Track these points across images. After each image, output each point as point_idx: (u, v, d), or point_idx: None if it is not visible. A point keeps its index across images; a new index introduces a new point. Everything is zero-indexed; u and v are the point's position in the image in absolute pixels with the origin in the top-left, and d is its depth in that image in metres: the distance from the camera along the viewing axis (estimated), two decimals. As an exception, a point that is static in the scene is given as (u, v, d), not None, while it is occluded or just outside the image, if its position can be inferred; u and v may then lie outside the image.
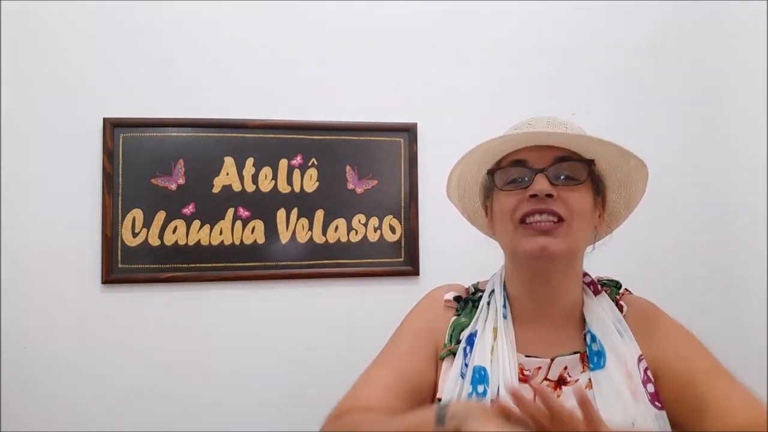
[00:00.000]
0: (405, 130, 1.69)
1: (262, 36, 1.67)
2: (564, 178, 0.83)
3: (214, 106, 1.62)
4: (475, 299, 0.95)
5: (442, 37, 1.74)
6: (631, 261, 1.73)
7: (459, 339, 0.89)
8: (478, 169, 0.92)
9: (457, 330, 0.90)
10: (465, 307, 0.94)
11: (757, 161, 1.82)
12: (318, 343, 1.64)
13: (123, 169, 1.57)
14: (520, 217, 0.82)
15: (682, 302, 1.83)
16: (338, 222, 1.66)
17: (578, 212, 0.83)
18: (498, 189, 0.87)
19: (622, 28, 1.82)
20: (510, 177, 0.86)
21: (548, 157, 0.84)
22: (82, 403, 1.53)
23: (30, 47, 1.56)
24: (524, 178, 0.84)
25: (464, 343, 0.87)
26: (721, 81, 1.86)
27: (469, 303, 0.94)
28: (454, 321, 0.92)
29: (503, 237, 0.88)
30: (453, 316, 0.93)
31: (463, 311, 0.93)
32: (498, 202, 0.87)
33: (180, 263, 1.58)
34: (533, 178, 0.82)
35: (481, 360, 0.83)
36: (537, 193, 0.81)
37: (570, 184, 0.83)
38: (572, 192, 0.83)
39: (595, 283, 0.94)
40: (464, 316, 0.92)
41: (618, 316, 0.88)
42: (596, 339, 0.85)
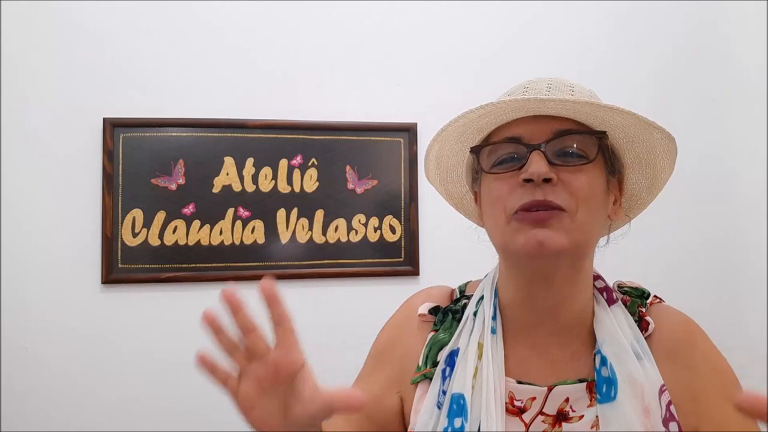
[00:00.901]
0: (405, 130, 1.69)
1: (262, 36, 1.67)
2: (568, 156, 0.65)
3: (214, 106, 1.62)
4: (457, 309, 0.75)
5: (442, 37, 1.74)
6: (631, 259, 1.74)
7: (436, 360, 0.71)
8: (461, 148, 0.74)
9: (434, 349, 0.72)
10: (444, 319, 0.75)
11: (757, 161, 1.82)
12: (318, 343, 1.63)
13: (123, 169, 1.57)
14: (514, 211, 0.64)
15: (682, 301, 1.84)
16: (338, 222, 1.66)
17: (585, 199, 0.64)
18: (485, 172, 0.69)
19: (623, 28, 1.83)
20: (500, 156, 0.67)
21: (547, 130, 0.65)
22: (82, 403, 1.53)
23: (30, 47, 1.56)
24: (517, 157, 0.65)
25: (443, 364, 0.70)
26: (722, 81, 1.86)
27: (449, 314, 0.75)
28: (431, 338, 0.73)
29: (493, 231, 0.69)
30: (430, 332, 0.74)
31: (442, 325, 0.74)
32: (486, 189, 0.69)
33: (180, 263, 1.58)
34: (528, 157, 0.64)
35: (461, 386, 0.66)
36: (532, 177, 0.62)
37: (575, 163, 0.64)
38: (578, 174, 0.64)
39: (610, 290, 0.73)
40: (443, 331, 0.73)
41: (638, 335, 0.68)
42: (607, 362, 0.66)
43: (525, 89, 0.69)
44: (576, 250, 0.66)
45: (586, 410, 0.66)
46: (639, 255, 1.77)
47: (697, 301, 1.82)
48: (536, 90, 0.68)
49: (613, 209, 0.72)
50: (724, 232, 1.84)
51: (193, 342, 1.73)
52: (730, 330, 1.82)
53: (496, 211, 0.67)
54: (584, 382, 0.67)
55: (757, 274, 1.82)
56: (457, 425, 0.64)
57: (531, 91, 0.68)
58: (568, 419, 0.66)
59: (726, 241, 1.84)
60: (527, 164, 0.63)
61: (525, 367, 0.69)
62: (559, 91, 0.68)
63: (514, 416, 0.66)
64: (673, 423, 0.63)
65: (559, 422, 0.66)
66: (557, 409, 0.66)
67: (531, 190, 0.63)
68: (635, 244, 1.76)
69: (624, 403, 0.63)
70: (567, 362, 0.69)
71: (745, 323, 1.82)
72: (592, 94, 0.71)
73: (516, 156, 0.66)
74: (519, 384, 0.67)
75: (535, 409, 0.66)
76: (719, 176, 1.84)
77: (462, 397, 0.66)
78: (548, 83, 0.69)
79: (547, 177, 0.62)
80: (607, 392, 0.64)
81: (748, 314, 1.82)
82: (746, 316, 1.82)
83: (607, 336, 0.68)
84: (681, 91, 1.84)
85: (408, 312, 0.79)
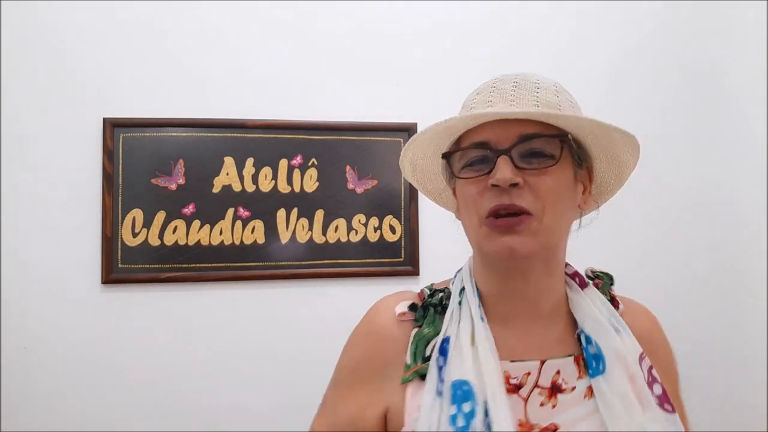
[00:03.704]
0: (405, 130, 1.69)
1: (262, 36, 1.67)
2: (533, 158, 0.67)
3: (214, 106, 1.62)
4: (436, 302, 0.76)
5: (442, 37, 1.74)
6: (631, 259, 1.74)
7: (426, 356, 0.71)
8: (434, 151, 0.78)
9: (420, 345, 0.72)
10: (425, 314, 0.75)
11: (757, 161, 1.82)
12: (318, 343, 1.64)
13: (123, 169, 1.57)
14: (485, 215, 0.67)
15: (683, 300, 1.84)
16: (338, 222, 1.66)
17: (551, 201, 0.67)
18: (456, 177, 0.72)
19: (626, 28, 1.83)
20: (470, 159, 0.70)
21: (513, 134, 0.67)
22: (82, 403, 1.53)
23: (30, 48, 1.56)
24: (485, 160, 0.68)
25: (436, 354, 0.70)
26: (722, 81, 1.86)
27: (429, 309, 0.76)
28: (415, 335, 0.73)
29: (468, 231, 0.73)
30: (413, 329, 0.74)
31: (425, 320, 0.74)
32: (460, 190, 0.73)
33: (180, 263, 1.58)
34: (495, 162, 0.66)
35: (461, 372, 0.67)
36: (498, 183, 0.65)
37: (541, 166, 0.67)
38: (543, 176, 0.67)
39: (580, 275, 0.79)
40: (427, 326, 0.73)
41: (612, 311, 0.75)
42: (591, 341, 0.71)
43: (492, 89, 0.72)
44: (546, 250, 0.70)
45: (577, 382, 0.70)
46: (639, 255, 1.78)
47: (697, 301, 1.82)
48: (502, 91, 0.70)
49: (583, 198, 0.75)
50: (724, 232, 1.84)
51: (192, 342, 1.75)
52: (730, 330, 1.82)
53: (469, 212, 0.70)
54: (572, 356, 0.72)
55: (757, 275, 1.82)
56: (467, 410, 0.65)
57: (497, 92, 0.71)
58: (561, 391, 0.69)
59: (726, 241, 1.84)
60: (494, 170, 0.66)
61: (514, 349, 0.71)
62: (525, 90, 0.70)
63: (512, 393, 0.68)
64: (657, 385, 0.69)
65: (554, 394, 0.69)
66: (551, 382, 0.70)
67: (498, 194, 0.66)
68: (635, 244, 1.77)
69: (614, 374, 0.69)
70: (552, 343, 0.73)
71: (745, 323, 1.82)
72: (557, 89, 0.72)
73: (484, 159, 0.69)
74: (512, 363, 0.70)
75: (531, 383, 0.69)
76: (719, 177, 1.84)
77: (465, 382, 0.67)
78: (514, 82, 0.71)
79: (513, 182, 0.65)
80: (597, 367, 0.70)
81: (749, 314, 1.82)
82: (746, 316, 1.82)
83: (586, 317, 0.73)
84: (681, 91, 1.84)
85: (378, 319, 0.77)
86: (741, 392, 1.80)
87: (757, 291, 1.82)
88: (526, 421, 0.67)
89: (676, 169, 1.79)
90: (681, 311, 1.79)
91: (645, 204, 1.75)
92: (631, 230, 1.76)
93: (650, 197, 1.75)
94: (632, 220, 1.75)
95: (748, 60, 1.83)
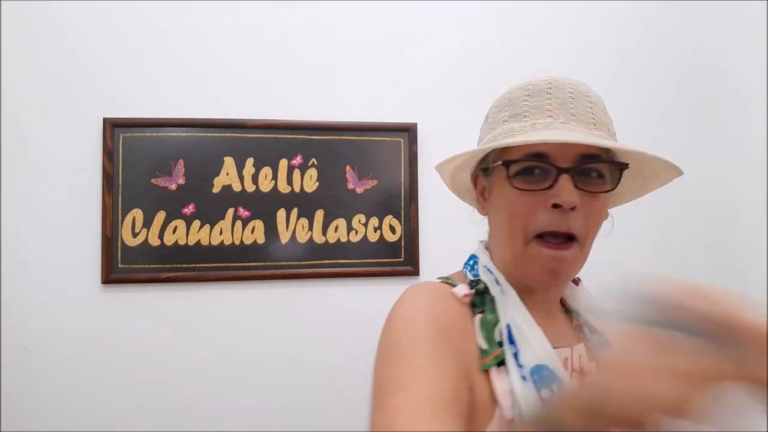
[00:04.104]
0: (405, 130, 1.69)
1: (262, 36, 1.67)
2: (589, 180, 0.68)
3: (214, 106, 1.62)
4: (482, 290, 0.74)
5: (442, 37, 1.74)
6: (631, 259, 1.74)
7: (498, 340, 0.69)
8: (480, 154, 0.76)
9: (489, 330, 0.70)
10: (483, 300, 0.72)
11: (757, 161, 1.82)
12: (318, 343, 1.64)
13: (123, 169, 1.57)
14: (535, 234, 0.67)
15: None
16: (338, 222, 1.66)
17: (595, 225, 0.70)
18: (509, 182, 0.69)
19: (626, 28, 1.83)
20: (523, 167, 0.69)
21: (573, 153, 0.67)
22: (82, 403, 1.53)
23: (30, 48, 1.56)
24: (543, 174, 0.67)
25: (507, 341, 0.68)
26: (722, 81, 1.86)
27: (484, 295, 0.73)
28: (481, 320, 0.70)
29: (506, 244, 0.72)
30: (476, 315, 0.71)
31: (483, 306, 0.72)
32: (505, 198, 0.71)
33: (180, 263, 1.58)
34: (556, 179, 0.66)
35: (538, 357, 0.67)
36: (563, 204, 0.65)
37: (596, 190, 0.68)
38: (594, 200, 0.68)
39: None
40: (489, 312, 0.71)
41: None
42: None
43: (548, 95, 0.70)
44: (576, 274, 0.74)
45: (590, 365, 0.74)
46: (638, 255, 1.77)
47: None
48: (561, 100, 0.69)
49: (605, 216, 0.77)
50: (724, 232, 1.84)
51: (192, 342, 1.74)
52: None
53: (514, 226, 0.69)
54: (581, 343, 0.76)
55: (757, 275, 1.82)
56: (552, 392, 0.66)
57: (555, 100, 0.70)
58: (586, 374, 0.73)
59: (726, 241, 1.84)
60: (557, 188, 0.66)
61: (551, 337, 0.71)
62: (580, 103, 0.70)
63: None
64: None
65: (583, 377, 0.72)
66: (579, 366, 0.73)
67: (557, 217, 0.66)
68: (635, 244, 1.77)
69: None
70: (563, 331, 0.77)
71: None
72: (603, 105, 0.73)
73: (541, 172, 0.68)
74: (555, 349, 0.70)
75: (569, 368, 0.72)
76: (719, 177, 1.84)
77: (545, 366, 0.66)
78: (570, 93, 0.70)
79: (574, 205, 0.65)
80: None
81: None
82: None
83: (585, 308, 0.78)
84: (681, 91, 1.84)
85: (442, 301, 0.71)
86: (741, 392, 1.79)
87: (757, 291, 1.82)
88: None
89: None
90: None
91: (645, 204, 1.74)
92: (631, 230, 1.76)
93: (650, 197, 1.74)
94: (632, 221, 1.75)
95: (749, 60, 1.83)
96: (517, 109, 0.72)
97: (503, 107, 0.74)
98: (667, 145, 1.79)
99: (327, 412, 1.60)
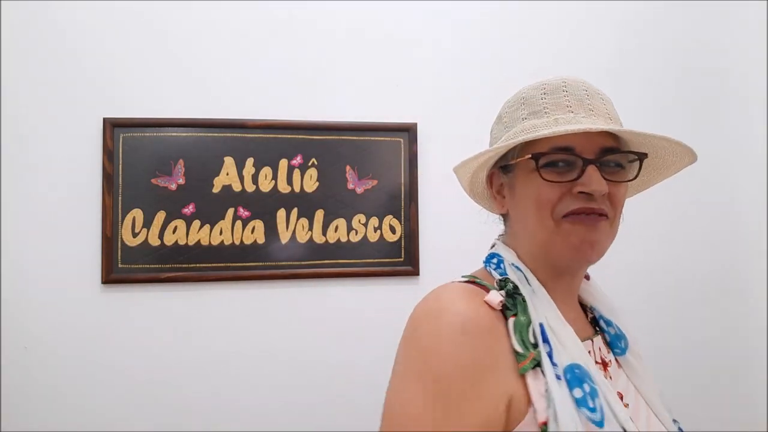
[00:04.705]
0: (405, 130, 1.69)
1: (262, 36, 1.67)
2: (612, 171, 0.72)
3: (214, 106, 1.62)
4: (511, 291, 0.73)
5: (442, 37, 1.74)
6: (631, 259, 1.74)
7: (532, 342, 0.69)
8: None
9: (523, 332, 0.69)
10: (515, 302, 0.72)
11: (757, 161, 1.82)
12: (318, 343, 1.64)
13: (123, 169, 1.57)
14: (563, 214, 0.70)
15: (683, 300, 1.84)
16: (338, 222, 1.66)
17: (620, 208, 0.74)
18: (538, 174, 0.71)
19: (626, 28, 1.83)
20: (549, 160, 0.71)
21: (596, 144, 0.71)
22: (82, 403, 1.53)
23: (30, 48, 1.56)
24: (568, 166, 0.71)
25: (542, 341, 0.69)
26: (722, 81, 1.86)
27: (516, 297, 0.73)
28: (515, 323, 0.69)
29: (533, 233, 0.74)
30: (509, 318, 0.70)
31: (516, 308, 0.71)
32: (531, 190, 0.73)
33: (180, 263, 1.58)
34: (583, 170, 0.69)
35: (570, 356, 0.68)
36: (594, 192, 0.69)
37: (620, 179, 0.73)
38: (618, 190, 0.72)
39: None
40: (521, 314, 0.70)
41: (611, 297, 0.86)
42: (612, 323, 0.82)
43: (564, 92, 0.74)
44: None
45: (609, 356, 0.79)
46: (639, 255, 1.77)
47: (697, 301, 1.82)
48: (578, 97, 0.74)
49: None
50: (724, 232, 1.84)
51: (192, 342, 1.74)
52: (730, 330, 1.82)
53: (543, 213, 0.72)
54: (599, 335, 0.81)
55: (757, 275, 1.82)
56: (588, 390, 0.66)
57: (573, 97, 0.74)
58: (607, 365, 0.78)
59: (726, 241, 1.84)
60: (585, 178, 0.69)
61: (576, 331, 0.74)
62: (594, 99, 0.74)
63: None
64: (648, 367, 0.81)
65: (605, 368, 0.77)
66: (600, 358, 0.78)
67: (585, 199, 0.70)
68: (635, 244, 1.77)
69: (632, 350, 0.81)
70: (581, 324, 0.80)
71: (746, 323, 1.82)
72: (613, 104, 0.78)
73: (566, 164, 0.71)
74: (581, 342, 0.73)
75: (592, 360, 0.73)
76: (719, 177, 1.84)
77: (577, 365, 0.68)
78: (584, 89, 0.75)
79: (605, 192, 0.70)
80: (621, 345, 0.81)
81: (749, 314, 1.82)
82: (746, 316, 1.82)
83: (600, 304, 0.84)
84: (681, 91, 1.84)
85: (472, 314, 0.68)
86: (741, 392, 1.80)
87: (757, 291, 1.82)
88: None
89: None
90: (681, 311, 1.79)
91: (645, 204, 1.75)
92: (631, 230, 1.76)
93: (650, 197, 1.74)
94: (632, 221, 1.75)
95: (749, 60, 1.83)
96: (536, 107, 0.75)
97: (519, 106, 0.77)
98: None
99: (327, 412, 1.60)
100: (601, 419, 0.64)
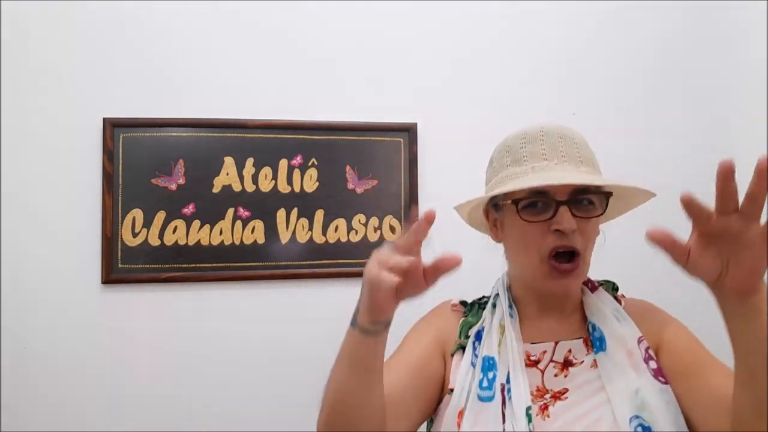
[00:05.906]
0: (405, 130, 1.69)
1: (262, 36, 1.67)
2: (582, 208, 0.86)
3: (214, 106, 1.62)
4: (482, 303, 1.01)
5: (442, 37, 1.74)
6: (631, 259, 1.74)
7: (468, 335, 0.94)
8: None
9: (465, 327, 0.96)
10: (472, 308, 1.00)
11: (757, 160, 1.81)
12: (318, 343, 1.63)
13: (123, 169, 1.57)
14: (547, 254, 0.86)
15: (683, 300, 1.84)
16: (338, 222, 1.66)
17: (592, 240, 0.89)
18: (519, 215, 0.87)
19: (626, 31, 1.82)
20: (527, 203, 0.87)
21: (568, 187, 0.85)
22: (82, 403, 1.53)
23: (30, 47, 1.56)
24: (545, 206, 0.86)
25: (473, 338, 0.93)
26: (722, 80, 1.86)
27: (475, 305, 1.01)
28: (462, 321, 0.97)
29: (524, 265, 0.92)
30: (461, 318, 0.99)
31: (470, 312, 0.99)
32: (516, 229, 0.89)
33: (180, 263, 1.58)
34: (556, 210, 0.84)
35: (489, 351, 0.89)
36: (565, 230, 0.83)
37: (589, 215, 0.87)
38: (588, 223, 0.87)
39: (591, 281, 1.00)
40: (471, 317, 0.98)
41: (616, 307, 0.95)
42: (597, 327, 0.91)
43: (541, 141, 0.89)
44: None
45: (585, 357, 0.90)
46: (638, 255, 1.77)
47: (697, 301, 1.82)
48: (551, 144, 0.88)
49: None
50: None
51: (192, 341, 1.74)
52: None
53: (528, 249, 0.88)
54: (581, 338, 0.92)
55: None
56: (490, 376, 0.87)
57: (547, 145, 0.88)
58: (572, 364, 0.90)
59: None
60: (558, 218, 0.84)
61: (537, 334, 0.93)
62: (567, 145, 0.88)
63: (531, 367, 0.89)
64: (652, 361, 0.88)
65: (566, 367, 0.90)
66: (564, 358, 0.90)
67: (560, 236, 0.85)
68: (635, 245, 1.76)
69: (612, 350, 0.89)
70: (568, 329, 0.94)
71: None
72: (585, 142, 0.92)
73: (544, 204, 0.86)
74: (532, 344, 0.92)
75: (547, 359, 0.90)
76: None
77: (492, 358, 0.89)
78: (559, 136, 0.89)
79: (574, 230, 0.84)
80: (600, 345, 0.90)
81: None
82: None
83: (594, 311, 0.94)
84: (681, 92, 1.84)
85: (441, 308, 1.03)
86: (741, 392, 1.79)
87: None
88: (543, 387, 0.88)
89: (677, 169, 1.78)
90: (681, 311, 1.78)
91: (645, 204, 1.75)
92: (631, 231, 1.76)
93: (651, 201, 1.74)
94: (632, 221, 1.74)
95: (748, 60, 1.83)
96: (517, 155, 0.90)
97: (504, 153, 0.92)
98: (667, 145, 1.80)
99: (327, 412, 1.60)
100: (491, 396, 0.85)
